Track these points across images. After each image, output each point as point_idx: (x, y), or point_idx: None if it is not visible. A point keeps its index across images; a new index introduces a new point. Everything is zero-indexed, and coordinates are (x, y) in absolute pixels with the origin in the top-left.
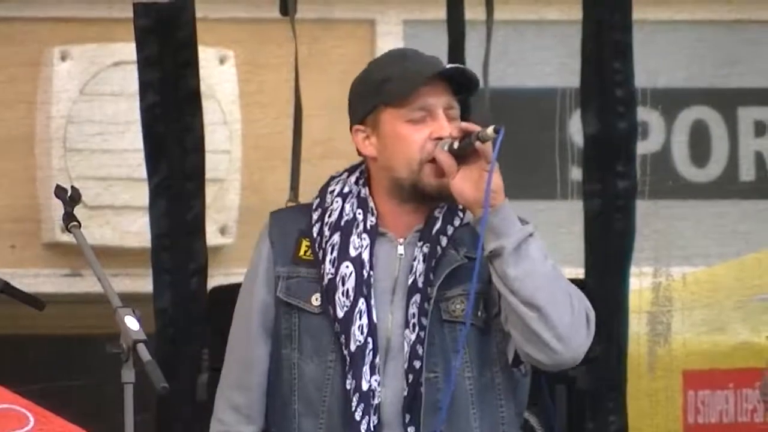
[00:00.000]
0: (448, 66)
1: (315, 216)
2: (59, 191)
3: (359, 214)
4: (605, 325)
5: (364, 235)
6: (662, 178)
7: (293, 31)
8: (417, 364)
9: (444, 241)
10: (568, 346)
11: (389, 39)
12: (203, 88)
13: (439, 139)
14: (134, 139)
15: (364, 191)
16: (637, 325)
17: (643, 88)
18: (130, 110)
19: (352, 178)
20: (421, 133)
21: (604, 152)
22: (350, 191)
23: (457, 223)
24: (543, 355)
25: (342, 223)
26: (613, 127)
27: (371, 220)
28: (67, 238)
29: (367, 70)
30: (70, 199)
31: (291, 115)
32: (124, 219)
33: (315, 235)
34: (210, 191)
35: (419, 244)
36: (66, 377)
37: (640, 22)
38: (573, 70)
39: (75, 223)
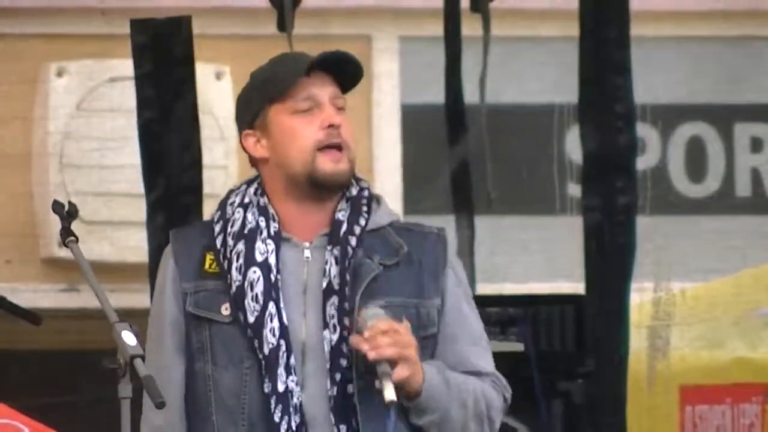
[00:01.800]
0: (326, 52)
1: (217, 228)
2: (56, 206)
3: (261, 221)
4: (605, 340)
5: (269, 241)
6: (661, 194)
7: (290, 47)
8: (344, 362)
9: (353, 241)
10: None
11: (386, 55)
12: (200, 103)
13: (331, 126)
14: (132, 154)
15: (263, 200)
16: (637, 340)
17: (642, 104)
18: (128, 126)
19: (251, 189)
20: (311, 124)
21: (603, 167)
22: (250, 201)
23: (362, 222)
24: None
25: (245, 231)
26: (613, 142)
27: (274, 226)
28: (64, 253)
29: (250, 78)
30: (68, 214)
31: None
32: (121, 234)
33: (219, 246)
34: (207, 206)
35: (329, 248)
36: (63, 392)
37: (640, 37)
38: (570, 86)
39: (72, 238)
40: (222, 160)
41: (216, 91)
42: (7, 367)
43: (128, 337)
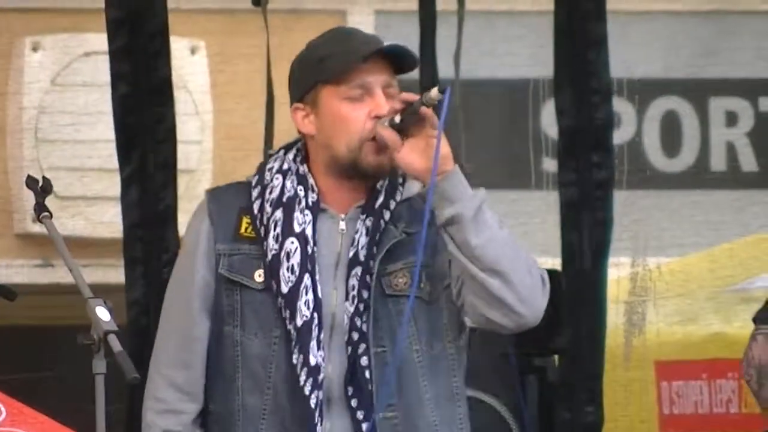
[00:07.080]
0: (386, 44)
1: (255, 193)
2: (30, 182)
3: (300, 190)
4: (582, 315)
5: (306, 211)
6: (636, 169)
7: (265, 21)
8: (356, 336)
9: (387, 215)
10: (532, 307)
11: (360, 29)
12: (174, 78)
13: (378, 117)
14: (106, 129)
15: (303, 168)
16: (614, 316)
17: (618, 79)
18: (102, 100)
19: (290, 156)
20: (360, 111)
21: (579, 142)
22: (289, 168)
23: (398, 197)
24: (507, 320)
25: (284, 199)
26: (589, 117)
27: (312, 196)
28: (38, 228)
29: (307, 49)
30: (42, 189)
31: (263, 106)
32: (95, 209)
33: (256, 211)
34: (182, 182)
35: (362, 217)
36: (37, 368)
37: (615, 12)
38: (544, 60)
39: (46, 213)
40: (196, 135)
41: (191, 66)
42: None
43: (102, 313)
